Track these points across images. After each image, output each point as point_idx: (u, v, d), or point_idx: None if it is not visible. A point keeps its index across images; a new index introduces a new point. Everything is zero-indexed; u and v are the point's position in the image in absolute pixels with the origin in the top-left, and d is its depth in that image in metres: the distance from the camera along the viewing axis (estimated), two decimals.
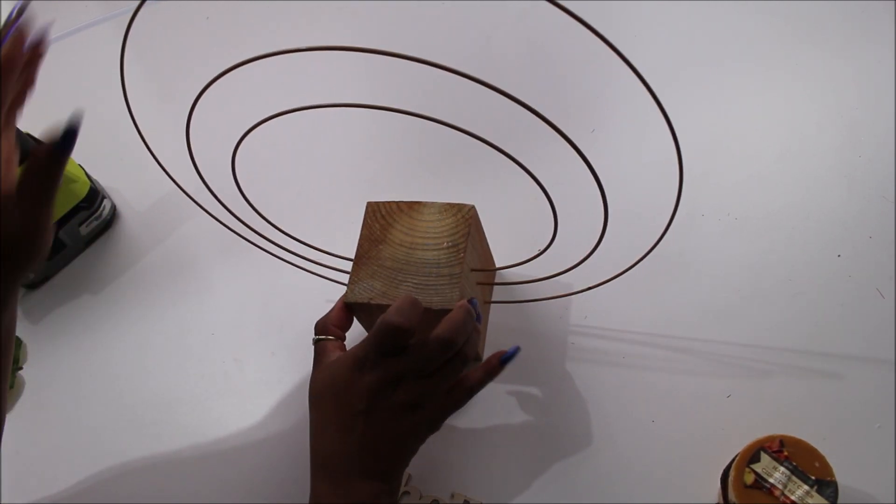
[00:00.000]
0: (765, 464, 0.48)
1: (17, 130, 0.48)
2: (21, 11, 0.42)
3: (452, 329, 0.47)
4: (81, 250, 0.76)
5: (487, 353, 0.58)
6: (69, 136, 0.41)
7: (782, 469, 0.48)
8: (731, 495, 0.48)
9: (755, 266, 0.62)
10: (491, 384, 0.53)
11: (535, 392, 0.60)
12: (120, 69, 0.47)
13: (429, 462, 0.57)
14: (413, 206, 0.57)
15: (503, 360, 0.51)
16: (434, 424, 0.50)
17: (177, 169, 0.56)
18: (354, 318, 0.56)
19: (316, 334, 0.53)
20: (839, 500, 0.47)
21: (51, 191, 0.42)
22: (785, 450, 0.48)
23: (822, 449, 0.48)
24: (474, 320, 0.49)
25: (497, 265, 0.64)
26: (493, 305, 0.64)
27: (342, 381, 0.48)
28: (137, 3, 0.41)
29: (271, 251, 0.62)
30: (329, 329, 0.53)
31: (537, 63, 0.79)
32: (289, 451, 0.61)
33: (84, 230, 0.74)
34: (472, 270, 0.56)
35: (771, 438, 0.49)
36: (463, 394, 0.50)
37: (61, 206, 0.71)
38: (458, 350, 0.48)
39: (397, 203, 0.57)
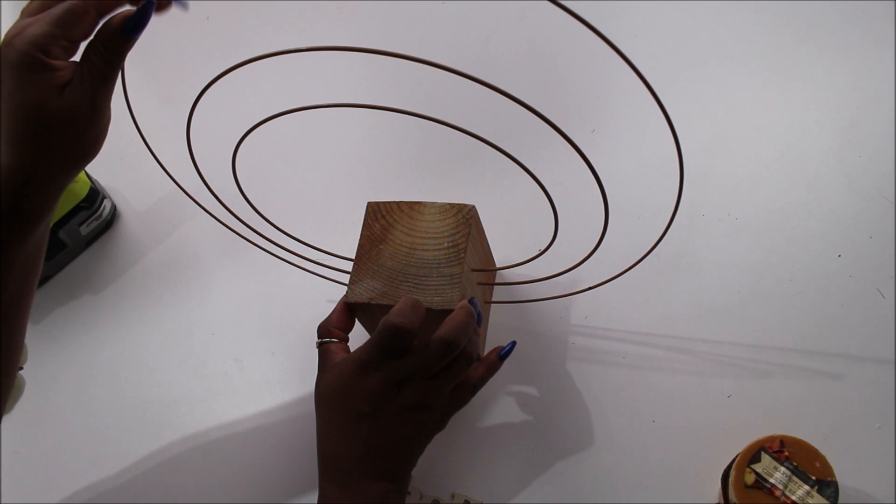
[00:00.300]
0: (765, 464, 0.48)
1: None
2: None
3: (454, 331, 0.47)
4: (81, 250, 0.76)
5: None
6: (143, 12, 0.37)
7: (783, 469, 0.48)
8: (732, 495, 0.48)
9: (755, 266, 0.62)
10: (491, 384, 0.54)
11: (535, 392, 0.60)
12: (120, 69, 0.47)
13: (429, 462, 0.57)
14: (413, 206, 0.57)
15: (501, 355, 0.53)
16: (440, 423, 0.50)
17: (177, 169, 0.56)
18: (356, 319, 0.56)
19: (319, 337, 0.53)
20: (840, 501, 0.47)
21: (113, 69, 0.38)
22: (785, 450, 0.48)
23: (823, 449, 0.48)
24: (475, 321, 0.49)
25: (497, 265, 0.64)
26: (493, 305, 0.64)
27: (347, 383, 0.48)
28: None
29: (272, 251, 0.62)
30: (331, 331, 0.53)
31: (537, 63, 0.78)
32: (290, 451, 0.61)
33: (84, 230, 0.74)
34: (473, 270, 0.56)
35: (771, 438, 0.49)
36: (467, 392, 0.51)
37: (61, 206, 0.71)
38: (461, 351, 0.48)
39: (398, 203, 0.57)
